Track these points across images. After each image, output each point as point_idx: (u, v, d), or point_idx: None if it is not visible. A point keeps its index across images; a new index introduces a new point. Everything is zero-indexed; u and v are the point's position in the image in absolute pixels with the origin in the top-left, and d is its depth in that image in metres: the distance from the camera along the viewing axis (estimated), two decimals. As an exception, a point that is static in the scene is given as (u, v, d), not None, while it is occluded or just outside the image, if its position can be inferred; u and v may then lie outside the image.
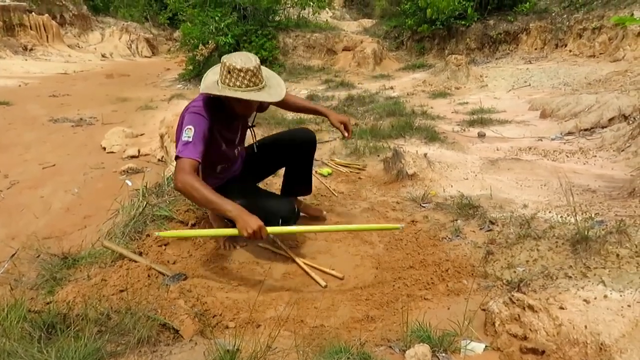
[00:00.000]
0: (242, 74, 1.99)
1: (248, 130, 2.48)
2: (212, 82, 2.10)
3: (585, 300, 1.59)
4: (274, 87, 2.15)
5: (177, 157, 1.98)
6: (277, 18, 12.55)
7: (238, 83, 2.00)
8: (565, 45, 9.87)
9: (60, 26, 18.23)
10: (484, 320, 1.73)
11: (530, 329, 1.55)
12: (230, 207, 1.92)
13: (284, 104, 2.52)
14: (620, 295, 1.61)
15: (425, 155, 3.72)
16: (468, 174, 3.62)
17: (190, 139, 1.98)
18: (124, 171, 5.08)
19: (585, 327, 1.47)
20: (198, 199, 1.93)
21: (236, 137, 2.38)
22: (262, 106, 2.43)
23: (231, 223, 2.37)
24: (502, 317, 1.65)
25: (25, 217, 3.93)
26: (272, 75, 2.22)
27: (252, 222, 1.89)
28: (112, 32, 20.24)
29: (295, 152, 2.60)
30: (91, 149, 6.10)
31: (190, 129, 2.01)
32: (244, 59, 2.01)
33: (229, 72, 2.00)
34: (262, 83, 2.07)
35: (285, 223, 2.16)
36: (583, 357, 1.42)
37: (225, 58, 2.04)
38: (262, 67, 2.12)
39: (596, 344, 1.41)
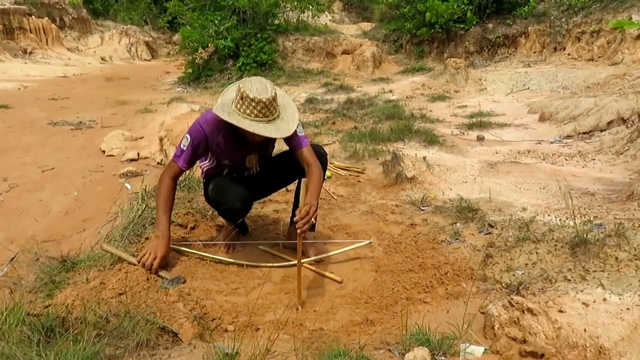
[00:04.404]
0: (253, 104, 1.93)
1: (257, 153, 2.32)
2: (228, 100, 2.04)
3: (584, 304, 1.59)
4: (285, 120, 2.04)
5: (172, 158, 2.21)
6: (276, 21, 12.57)
7: (248, 111, 1.94)
8: (564, 49, 9.91)
9: (59, 29, 18.23)
10: (483, 324, 1.73)
11: (529, 332, 1.55)
12: (157, 227, 2.17)
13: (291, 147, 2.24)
14: (619, 299, 1.61)
15: (424, 158, 3.72)
16: (467, 177, 3.63)
17: (185, 148, 2.13)
18: (123, 174, 5.08)
19: (585, 330, 1.47)
20: (156, 200, 2.20)
21: (244, 155, 2.27)
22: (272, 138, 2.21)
23: (238, 228, 2.48)
24: (502, 320, 1.64)
25: (25, 220, 3.93)
26: (288, 105, 2.12)
27: (152, 252, 2.09)
28: (111, 36, 20.26)
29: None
30: (90, 152, 6.10)
31: (187, 138, 2.13)
32: (259, 89, 1.94)
33: (242, 99, 1.94)
34: (273, 115, 1.98)
35: (228, 212, 2.27)
36: (582, 360, 1.42)
37: (242, 83, 1.98)
38: (281, 95, 2.07)
39: (595, 348, 1.41)
